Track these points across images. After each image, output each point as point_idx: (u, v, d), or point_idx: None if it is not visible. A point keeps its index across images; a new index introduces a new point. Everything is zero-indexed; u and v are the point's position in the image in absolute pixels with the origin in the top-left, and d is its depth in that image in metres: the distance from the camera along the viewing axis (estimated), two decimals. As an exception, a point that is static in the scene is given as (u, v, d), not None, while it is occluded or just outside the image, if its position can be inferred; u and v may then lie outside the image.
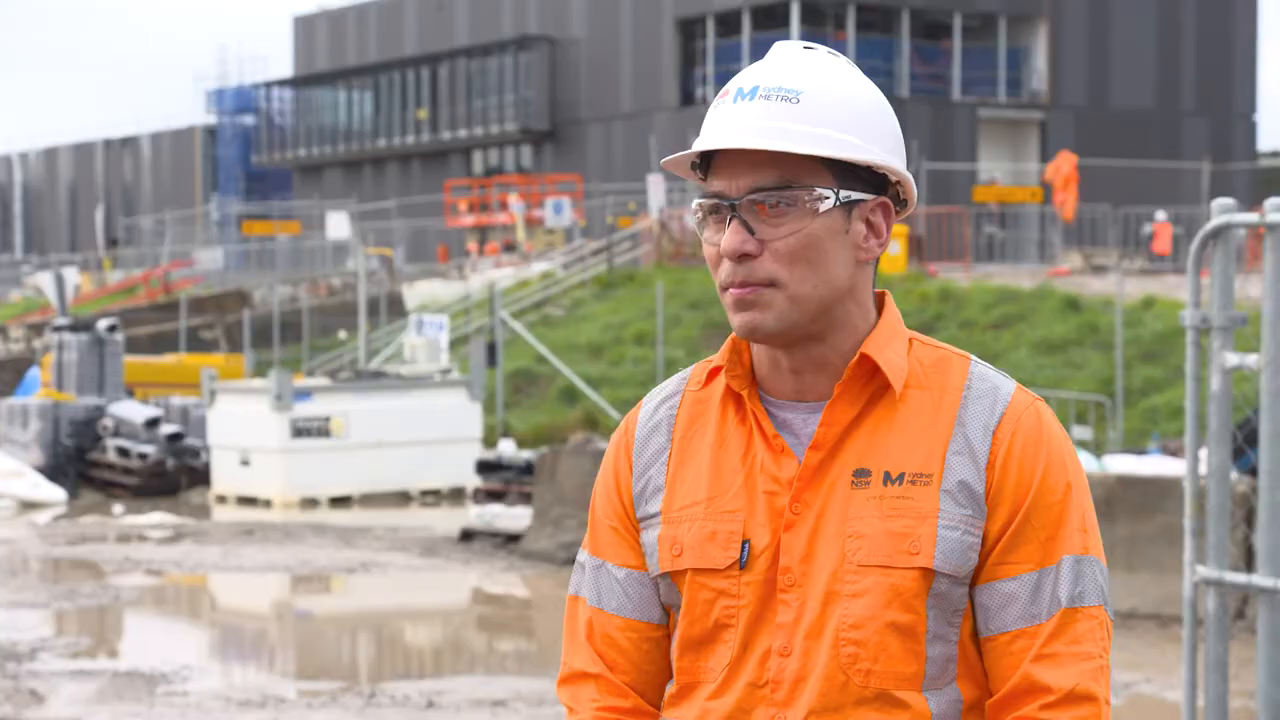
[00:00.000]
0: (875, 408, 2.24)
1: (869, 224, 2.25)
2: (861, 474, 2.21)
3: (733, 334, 2.28)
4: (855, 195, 2.22)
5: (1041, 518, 2.20)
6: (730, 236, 2.19)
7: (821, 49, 2.27)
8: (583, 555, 2.39)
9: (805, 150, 2.17)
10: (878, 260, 2.28)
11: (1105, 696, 2.20)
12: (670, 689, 2.31)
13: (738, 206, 2.20)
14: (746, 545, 2.23)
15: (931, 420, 2.22)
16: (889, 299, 2.31)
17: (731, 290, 2.21)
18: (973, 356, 2.29)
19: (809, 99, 2.20)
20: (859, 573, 2.19)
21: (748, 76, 2.24)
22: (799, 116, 2.19)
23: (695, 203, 2.26)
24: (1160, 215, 34.68)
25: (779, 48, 2.28)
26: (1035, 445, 2.21)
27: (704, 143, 2.22)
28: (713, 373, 2.34)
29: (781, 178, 2.19)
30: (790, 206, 2.19)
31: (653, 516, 2.30)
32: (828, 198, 2.20)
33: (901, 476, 2.20)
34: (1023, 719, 2.18)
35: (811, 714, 2.19)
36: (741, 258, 2.19)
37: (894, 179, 2.26)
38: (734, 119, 2.21)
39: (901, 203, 2.29)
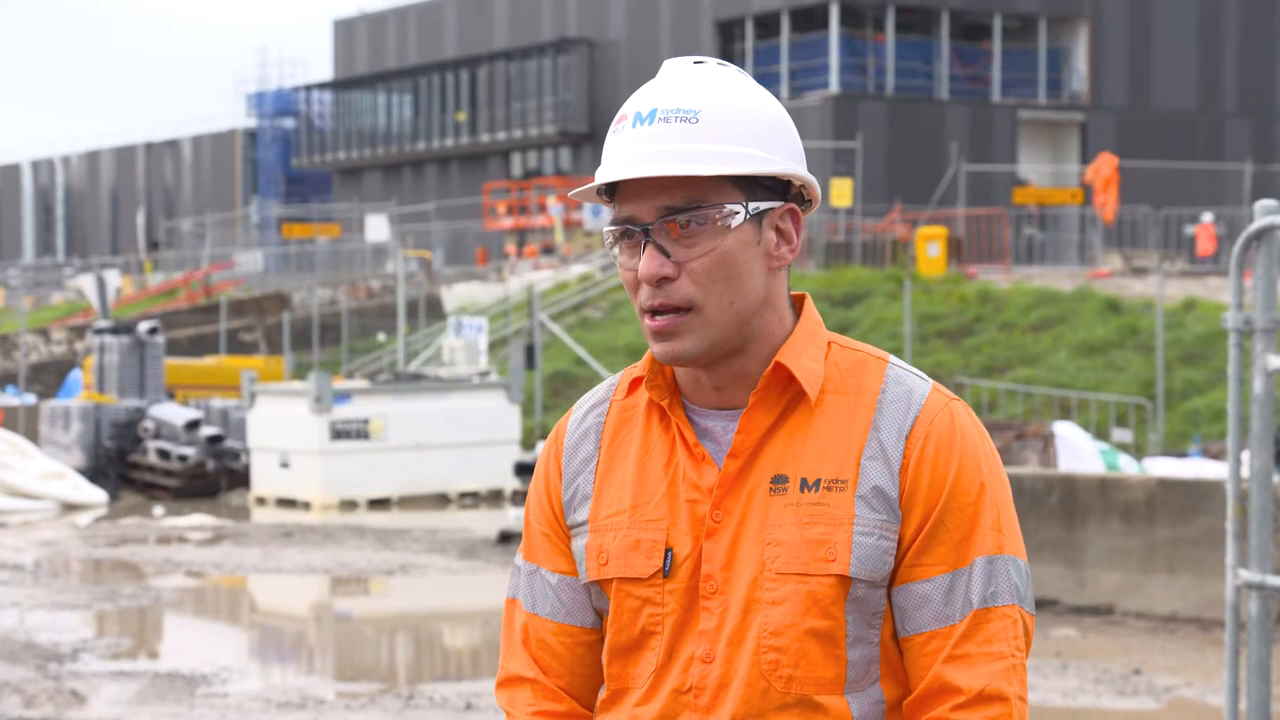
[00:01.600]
0: (792, 414, 2.25)
1: (779, 231, 2.26)
2: (779, 481, 2.23)
3: None
4: (764, 205, 2.23)
5: (954, 519, 2.21)
6: (647, 261, 2.21)
7: (711, 61, 2.27)
8: (518, 559, 2.41)
9: (712, 171, 2.18)
10: (788, 266, 2.29)
11: (1018, 694, 2.20)
12: (602, 694, 2.34)
13: (650, 230, 2.21)
14: (669, 554, 2.25)
15: (847, 425, 2.23)
16: (808, 302, 2.32)
17: (648, 320, 2.22)
18: (890, 357, 2.29)
19: (708, 117, 2.20)
20: (778, 580, 2.20)
21: (644, 99, 2.24)
22: (700, 136, 2.20)
23: (605, 229, 2.27)
24: (1206, 217, 34.52)
25: (670, 66, 2.28)
26: (948, 447, 2.22)
27: (609, 173, 2.23)
28: (635, 382, 2.35)
29: (690, 197, 2.20)
30: (702, 225, 2.20)
31: (581, 525, 2.33)
32: (738, 212, 2.21)
33: (818, 483, 2.21)
34: (935, 719, 2.20)
35: (734, 719, 2.21)
36: (660, 281, 2.21)
37: (798, 182, 2.27)
38: (636, 144, 2.21)
39: (806, 203, 2.30)
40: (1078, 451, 15.27)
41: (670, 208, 2.20)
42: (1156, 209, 37.47)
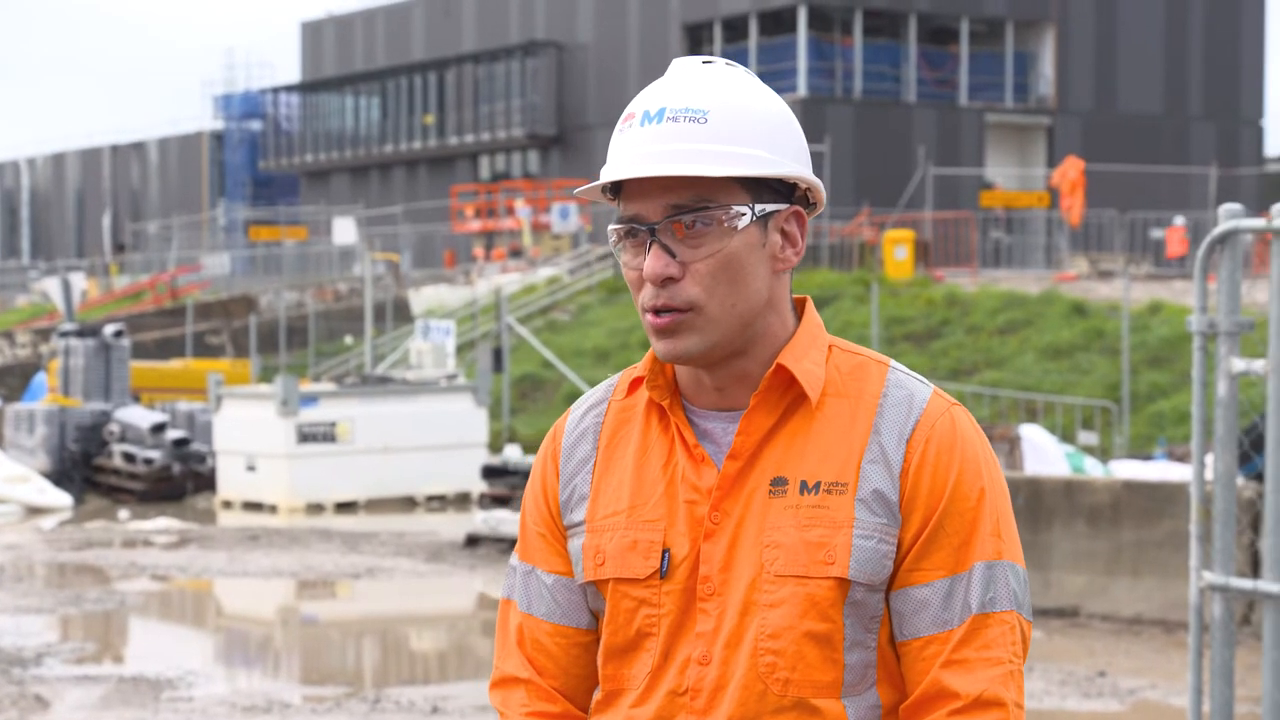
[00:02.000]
0: (793, 417, 2.24)
1: (784, 234, 2.26)
2: (779, 483, 2.22)
3: None
4: (770, 208, 2.23)
5: (954, 524, 2.21)
6: (652, 261, 2.20)
7: (720, 62, 2.27)
8: (514, 560, 2.41)
9: (720, 172, 2.18)
10: (792, 269, 2.29)
11: (1015, 700, 2.20)
12: (596, 696, 2.33)
13: (656, 230, 2.20)
14: (667, 554, 2.24)
15: (848, 428, 2.23)
16: (809, 306, 2.32)
17: (651, 318, 2.21)
18: (891, 362, 2.29)
19: (716, 117, 2.20)
20: (776, 582, 2.20)
21: (652, 98, 2.24)
22: (708, 136, 2.19)
23: (610, 228, 2.26)
24: (1178, 220, 34.68)
25: (678, 65, 2.27)
26: (949, 452, 2.22)
27: (616, 171, 2.22)
28: (636, 382, 2.34)
29: (697, 197, 2.20)
30: (708, 226, 2.20)
31: (578, 525, 2.32)
32: (744, 214, 2.21)
33: (818, 485, 2.21)
34: None
35: None
36: (664, 281, 2.20)
37: (804, 185, 2.27)
38: (643, 143, 2.21)
39: (811, 206, 2.30)
40: (1044, 454, 15.32)
41: (677, 207, 2.20)
42: (1122, 212, 37.63)
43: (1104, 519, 11.90)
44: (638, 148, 2.21)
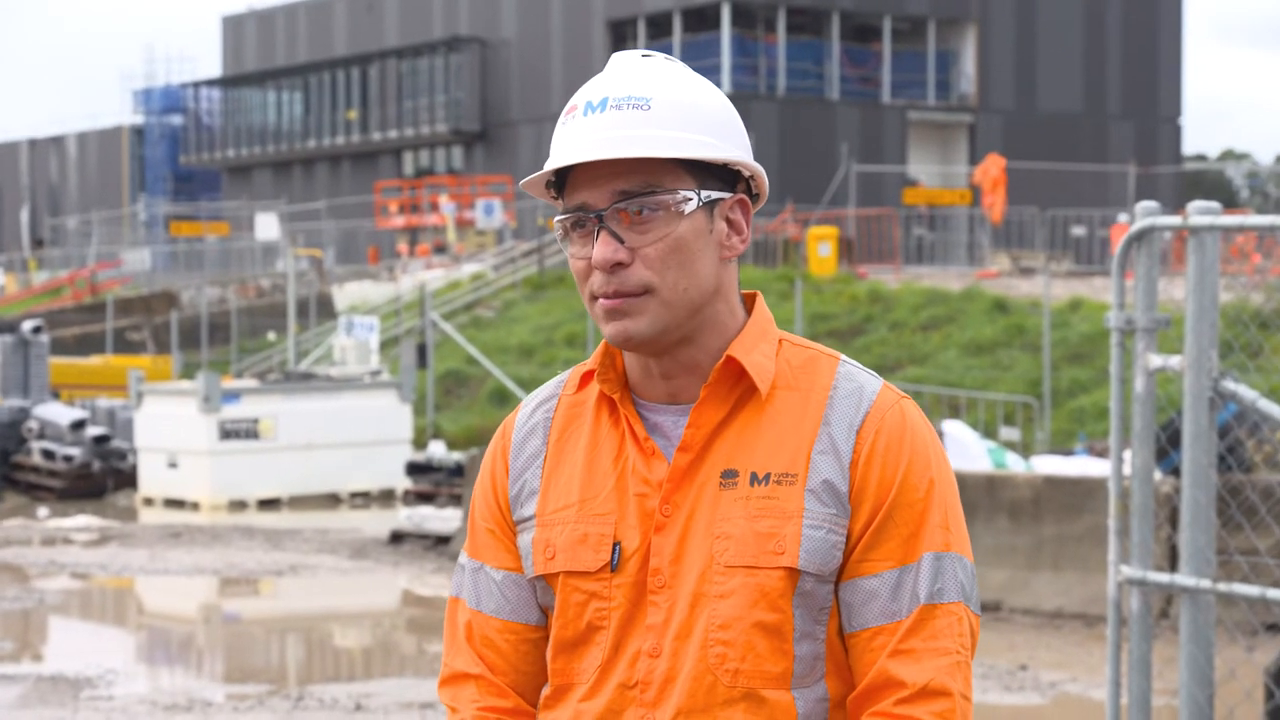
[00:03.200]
0: (743, 409, 2.25)
1: (730, 222, 2.28)
2: (729, 475, 2.23)
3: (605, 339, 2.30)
4: (716, 194, 2.25)
5: (903, 515, 2.22)
6: (601, 247, 2.21)
7: (659, 55, 2.29)
8: (463, 558, 2.40)
9: (668, 154, 2.19)
10: (739, 260, 2.31)
11: (962, 691, 2.21)
12: (545, 691, 2.33)
13: (604, 216, 2.21)
14: (617, 547, 2.25)
15: (798, 420, 2.24)
16: (760, 300, 2.33)
17: (601, 301, 2.22)
18: (841, 356, 2.31)
19: (659, 104, 2.22)
20: (726, 573, 2.21)
21: (594, 89, 2.25)
22: (653, 121, 2.21)
23: (557, 219, 2.27)
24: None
25: (619, 58, 2.29)
26: (898, 443, 2.23)
27: (564, 158, 2.23)
28: (586, 376, 2.35)
29: (644, 182, 2.21)
30: (655, 211, 2.21)
31: (528, 519, 2.32)
32: (691, 199, 2.22)
33: (768, 477, 2.22)
34: (879, 714, 2.20)
35: (680, 714, 2.21)
36: (614, 267, 2.21)
37: (747, 174, 2.29)
38: (589, 131, 2.22)
39: (754, 196, 2.32)
40: (966, 450, 15.42)
41: (624, 192, 2.21)
42: (1043, 210, 37.93)
43: (1025, 514, 12.00)
44: (582, 136, 2.22)
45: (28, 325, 24.34)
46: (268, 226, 43.27)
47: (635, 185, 2.21)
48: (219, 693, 10.31)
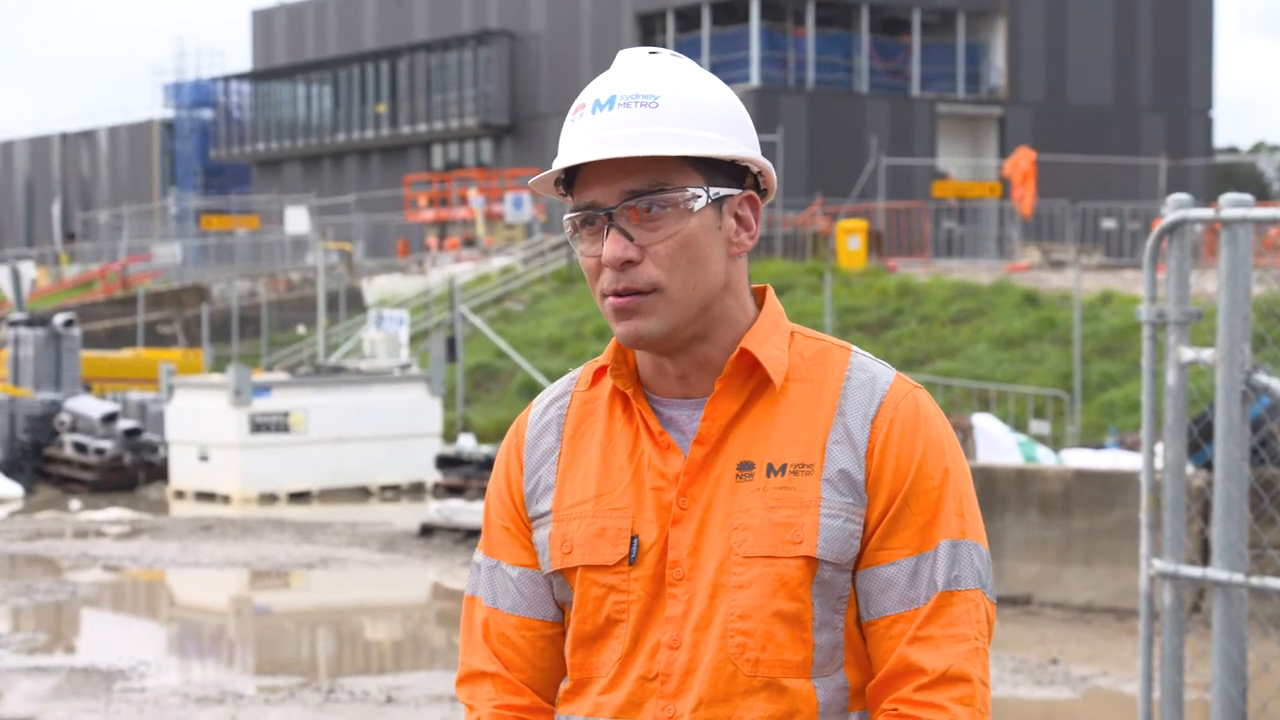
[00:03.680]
0: (757, 401, 2.27)
1: (738, 218, 2.29)
2: (745, 467, 2.24)
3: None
4: (724, 191, 2.26)
5: (919, 503, 2.23)
6: (611, 245, 2.22)
7: (666, 52, 2.30)
8: (478, 556, 2.41)
9: (676, 151, 2.21)
10: (747, 253, 2.32)
11: (981, 677, 2.23)
12: (564, 685, 2.34)
13: (614, 214, 2.23)
14: (635, 541, 2.26)
15: (812, 411, 2.26)
16: (770, 293, 2.35)
17: (611, 299, 2.24)
18: (853, 347, 2.33)
19: (667, 102, 2.23)
20: (744, 564, 2.22)
21: (601, 87, 2.26)
22: (661, 119, 2.22)
23: (565, 217, 2.28)
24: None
25: (625, 56, 2.30)
26: (913, 432, 2.25)
27: (572, 157, 2.24)
28: (599, 373, 2.37)
29: (653, 180, 2.22)
30: (664, 209, 2.22)
31: (543, 515, 2.33)
32: (700, 196, 2.23)
33: (784, 467, 2.23)
34: (899, 701, 2.22)
35: (701, 704, 2.22)
36: (624, 265, 2.22)
37: (755, 169, 2.30)
38: (596, 129, 2.23)
39: (763, 192, 2.33)
40: (996, 443, 15.39)
41: (633, 191, 2.22)
42: (1073, 203, 37.80)
43: (1056, 508, 11.97)
44: (590, 134, 2.23)
45: (59, 319, 24.45)
46: (297, 220, 43.37)
47: (644, 183, 2.22)
48: (250, 685, 10.35)
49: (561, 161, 2.25)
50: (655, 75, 2.25)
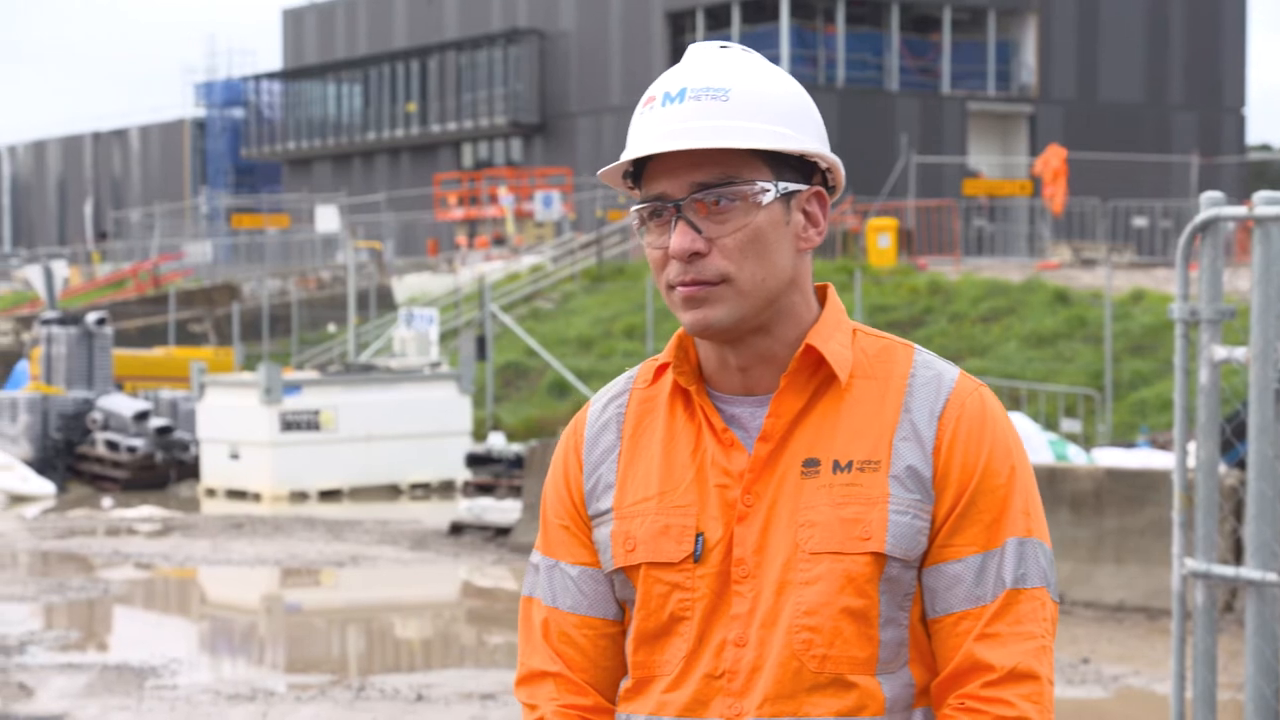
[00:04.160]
0: (822, 398, 2.26)
1: (806, 214, 2.28)
2: (811, 463, 2.24)
3: (679, 331, 2.31)
4: (793, 186, 2.25)
5: (986, 501, 2.23)
6: (679, 237, 2.21)
7: (736, 47, 2.30)
8: (536, 556, 2.40)
9: (746, 145, 2.20)
10: (814, 248, 2.31)
11: (1048, 676, 2.23)
12: (625, 684, 2.33)
13: (682, 207, 2.22)
14: (700, 538, 2.25)
15: (878, 408, 2.25)
16: (831, 291, 2.34)
17: (680, 288, 2.23)
18: (916, 346, 2.33)
19: (737, 95, 2.23)
20: (811, 560, 2.21)
21: (672, 79, 2.26)
22: (731, 113, 2.22)
23: (634, 208, 2.27)
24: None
25: (696, 49, 2.30)
26: (980, 430, 2.25)
27: (643, 148, 2.23)
28: (660, 370, 2.36)
29: (722, 174, 2.22)
30: (733, 202, 2.22)
31: (604, 513, 2.33)
32: (769, 190, 2.23)
33: (850, 464, 2.23)
34: (966, 697, 2.21)
35: (767, 701, 2.21)
36: (691, 257, 2.22)
37: (824, 166, 2.30)
38: (666, 121, 2.23)
39: (831, 189, 2.33)
40: (1027, 442, 15.36)
41: (702, 184, 2.22)
42: (1104, 201, 37.69)
43: (1087, 506, 11.94)
44: (661, 126, 2.23)
45: (92, 317, 24.55)
46: (328, 219, 43.47)
47: (713, 176, 2.22)
48: (281, 682, 10.37)
49: (630, 153, 2.25)
50: (726, 69, 2.25)
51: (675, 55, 47.90)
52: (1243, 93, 49.73)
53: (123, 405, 22.95)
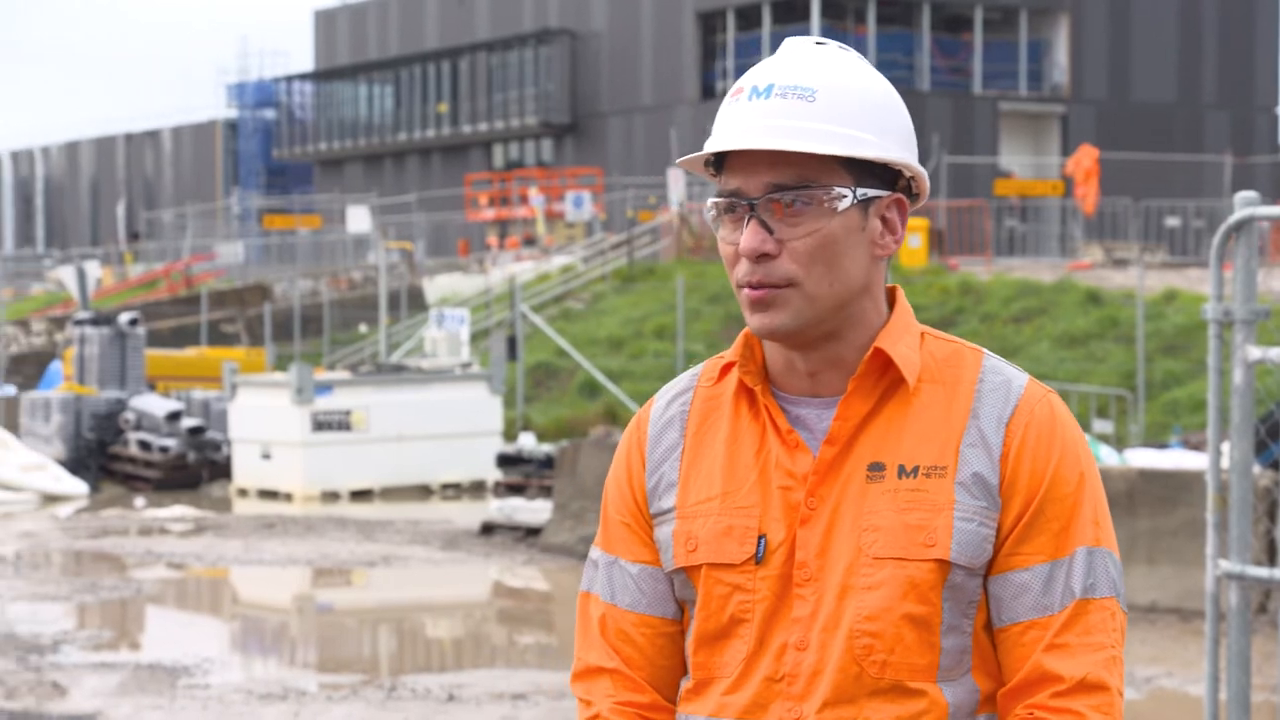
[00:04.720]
0: (889, 402, 2.24)
1: (884, 221, 2.25)
2: (876, 468, 2.21)
3: (745, 329, 2.28)
4: (871, 193, 2.22)
5: (1055, 509, 2.20)
6: (749, 236, 2.19)
7: (832, 44, 2.26)
8: (595, 552, 2.38)
9: (825, 150, 2.17)
10: (891, 256, 2.28)
11: (1118, 687, 2.19)
12: (685, 685, 2.31)
13: (756, 206, 2.20)
14: (763, 540, 2.23)
15: (945, 413, 2.23)
16: (900, 294, 2.31)
17: (748, 290, 2.21)
18: (985, 350, 2.29)
19: (824, 96, 2.19)
20: (874, 565, 2.19)
21: (761, 73, 2.23)
22: (815, 115, 2.18)
23: (710, 201, 2.25)
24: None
25: (791, 44, 2.27)
26: (1049, 437, 2.22)
27: (722, 142, 2.21)
28: (725, 368, 2.33)
29: (800, 176, 2.19)
30: (807, 205, 2.19)
31: (666, 512, 2.30)
32: (845, 196, 2.19)
33: (916, 469, 2.20)
34: (1034, 708, 2.18)
35: (826, 706, 2.19)
36: (760, 257, 2.19)
37: (909, 174, 2.26)
38: (750, 117, 2.20)
39: (914, 196, 2.29)
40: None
41: (778, 185, 2.19)
42: (1137, 201, 37.56)
43: (1120, 507, 11.90)
44: (744, 121, 2.20)
45: (124, 318, 24.65)
46: (359, 219, 43.57)
47: (790, 178, 2.19)
48: (313, 682, 10.40)
49: (712, 145, 2.23)
50: (816, 67, 2.22)
51: (706, 55, 47.94)
52: (1276, 92, 49.50)
53: (155, 405, 23.04)
